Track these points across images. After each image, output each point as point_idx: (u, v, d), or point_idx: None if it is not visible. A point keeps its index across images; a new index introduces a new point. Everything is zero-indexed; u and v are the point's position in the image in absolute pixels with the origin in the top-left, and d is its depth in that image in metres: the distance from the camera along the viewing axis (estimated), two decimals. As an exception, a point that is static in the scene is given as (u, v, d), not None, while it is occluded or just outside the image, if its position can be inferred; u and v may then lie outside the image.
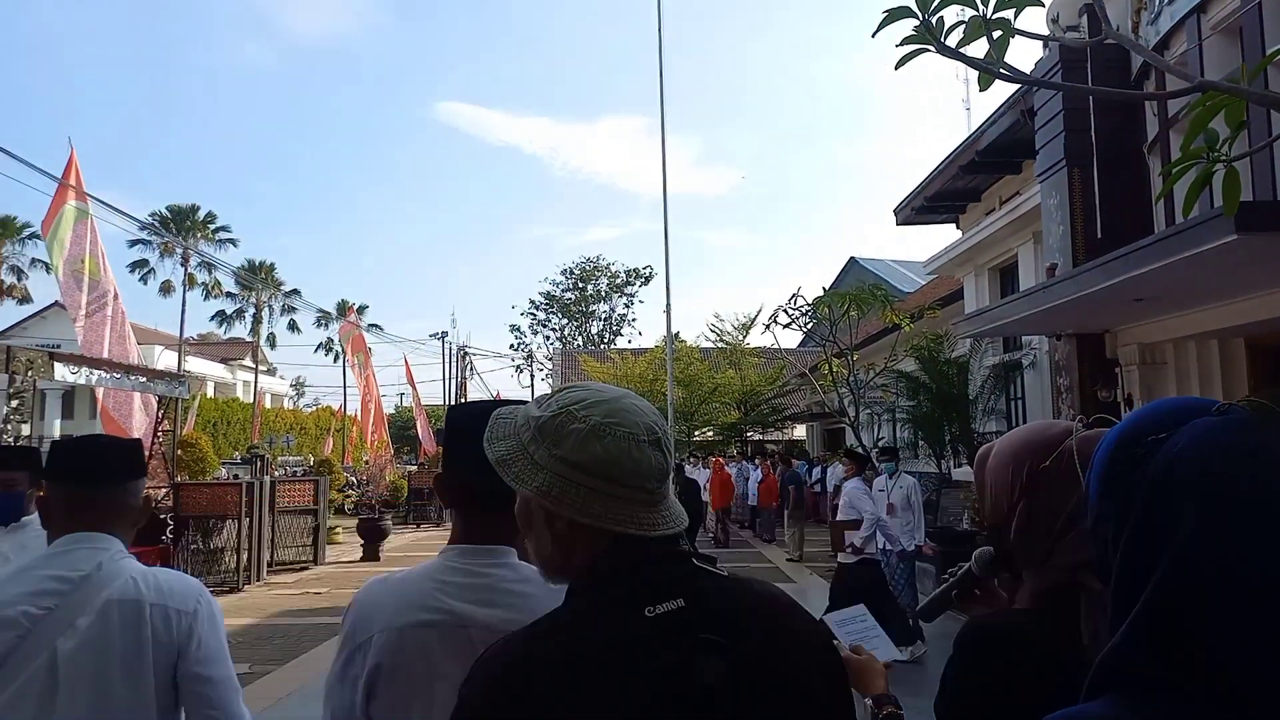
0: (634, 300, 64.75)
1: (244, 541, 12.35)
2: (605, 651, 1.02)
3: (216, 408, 42.60)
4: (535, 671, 1.02)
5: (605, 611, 1.06)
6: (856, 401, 15.09)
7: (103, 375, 10.15)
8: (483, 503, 1.60)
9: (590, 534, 1.11)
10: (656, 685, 0.99)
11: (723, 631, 1.03)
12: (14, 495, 3.44)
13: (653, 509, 1.13)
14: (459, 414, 1.70)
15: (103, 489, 1.99)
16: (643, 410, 1.17)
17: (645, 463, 1.12)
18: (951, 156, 14.08)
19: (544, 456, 1.13)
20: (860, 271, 29.32)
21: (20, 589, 1.84)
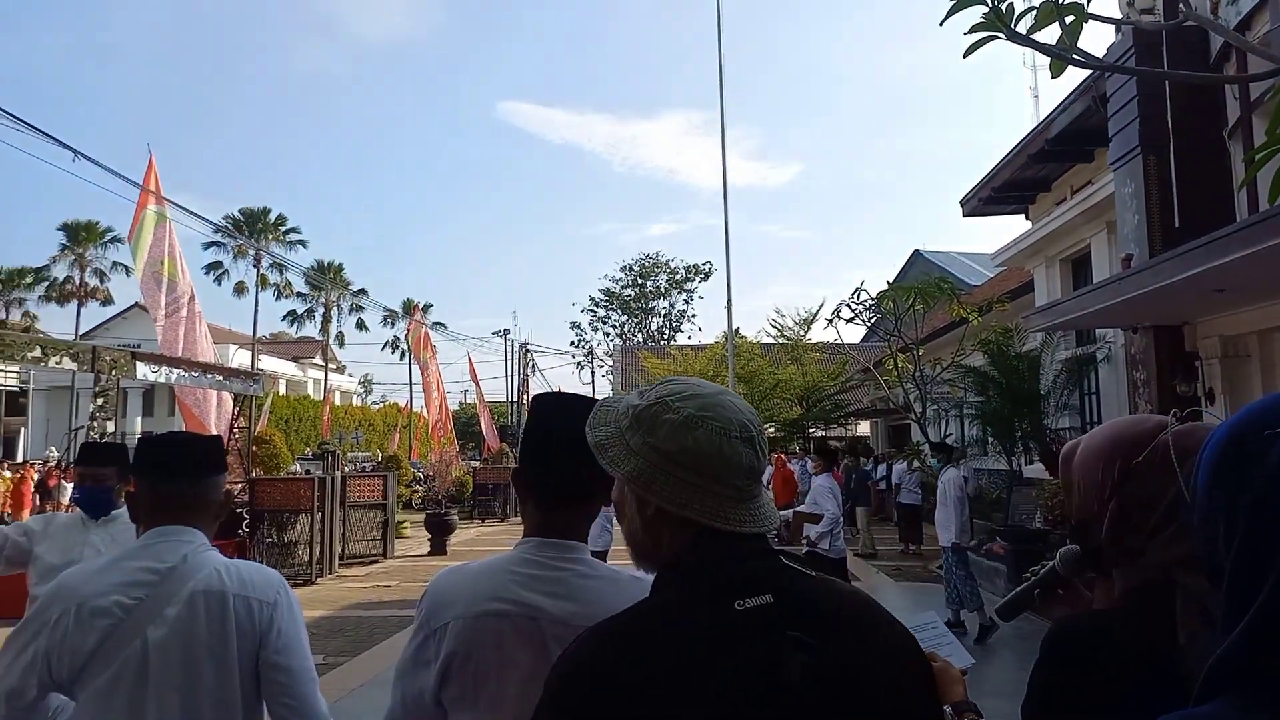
0: (694, 296, 64.67)
1: (316, 535, 12.64)
2: (693, 641, 1.03)
3: (288, 405, 43.68)
4: (624, 656, 1.05)
5: (694, 602, 1.07)
6: (923, 397, 14.86)
7: (181, 374, 10.49)
8: (559, 497, 1.63)
9: (677, 522, 1.14)
10: (741, 678, 1.00)
11: (810, 630, 1.04)
12: (104, 490, 3.57)
13: (741, 505, 1.14)
14: (540, 408, 1.72)
15: (186, 484, 2.06)
16: (738, 408, 1.19)
17: (736, 459, 1.14)
18: (1020, 145, 13.76)
19: (638, 443, 1.17)
20: (925, 265, 28.85)
21: (113, 579, 1.92)
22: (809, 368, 30.78)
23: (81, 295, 44.51)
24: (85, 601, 1.88)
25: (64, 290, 44.57)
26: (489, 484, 24.48)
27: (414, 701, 1.58)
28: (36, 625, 1.89)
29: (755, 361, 31.51)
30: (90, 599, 1.88)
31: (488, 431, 30.51)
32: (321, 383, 51.19)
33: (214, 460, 2.16)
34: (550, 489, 1.64)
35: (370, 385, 73.18)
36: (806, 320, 32.07)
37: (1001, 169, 14.67)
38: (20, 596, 3.61)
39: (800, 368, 30.79)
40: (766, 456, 1.21)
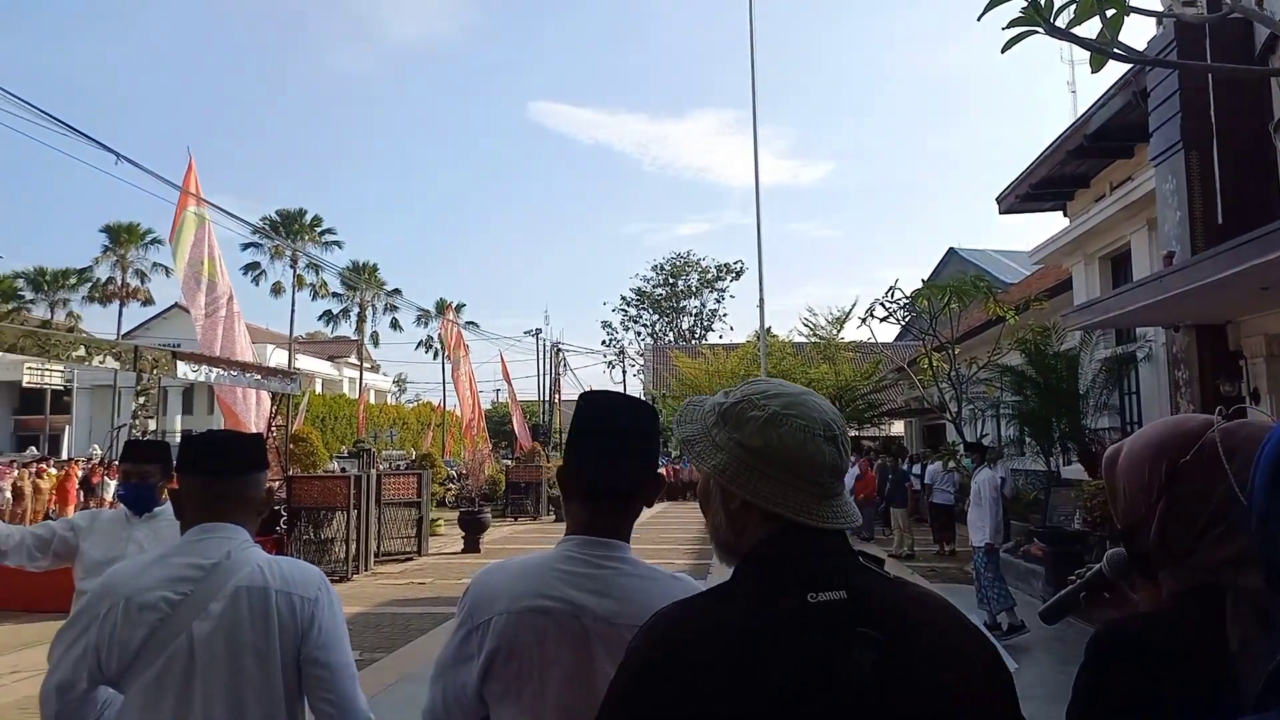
0: (725, 295, 64.48)
1: (352, 532, 12.78)
2: (766, 627, 1.06)
3: (324, 404, 44.21)
4: (699, 635, 1.09)
5: (770, 590, 1.10)
6: (958, 396, 14.71)
7: (221, 373, 10.65)
8: (603, 496, 1.64)
9: (760, 516, 1.18)
10: (810, 668, 1.03)
11: (881, 629, 1.05)
12: (147, 486, 3.63)
13: (823, 502, 1.17)
14: (585, 406, 1.73)
15: (229, 481, 2.10)
16: (822, 408, 1.22)
17: (819, 456, 1.18)
18: (1058, 141, 13.56)
19: (724, 439, 1.21)
20: (960, 263, 28.55)
21: (159, 575, 1.95)
22: (842, 367, 30.59)
23: (123, 296, 45.31)
24: (133, 596, 1.91)
25: (106, 291, 45.40)
26: (521, 482, 24.62)
27: (455, 698, 1.60)
28: (86, 619, 1.92)
29: (787, 361, 31.38)
30: (138, 594, 1.91)
31: (520, 430, 30.66)
32: (357, 382, 51.71)
33: (256, 457, 2.19)
34: (595, 487, 1.65)
35: (404, 384, 73.92)
36: (839, 319, 31.87)
37: (1039, 165, 14.47)
38: (67, 591, 3.69)
39: (833, 367, 30.60)
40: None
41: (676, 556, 15.04)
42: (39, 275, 45.07)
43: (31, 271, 45.09)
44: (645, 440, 1.71)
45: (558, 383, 41.70)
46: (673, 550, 15.79)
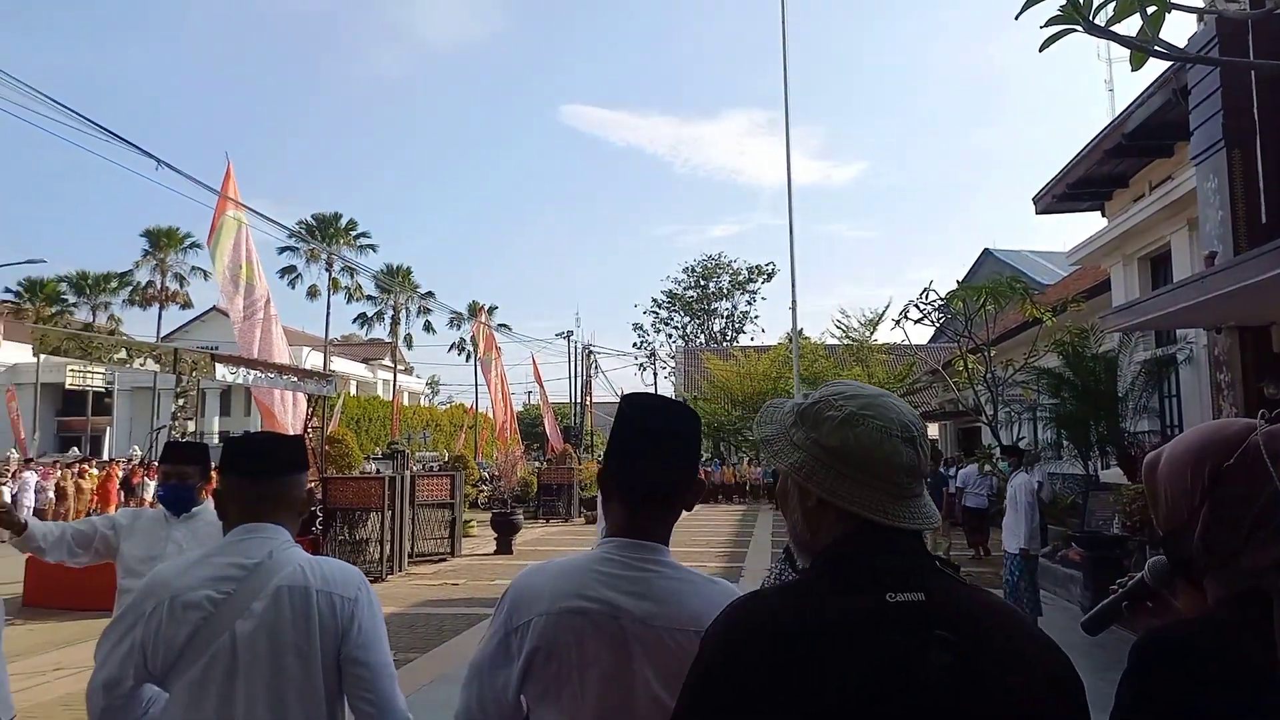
0: (756, 297, 64.32)
1: (387, 533, 12.89)
2: (844, 623, 1.08)
3: (359, 405, 44.65)
4: (776, 627, 1.11)
5: (847, 588, 1.12)
6: (994, 399, 14.54)
7: (258, 375, 10.80)
8: (643, 498, 1.64)
9: (835, 514, 1.21)
10: (886, 667, 1.04)
11: (955, 632, 1.07)
12: (186, 487, 3.69)
13: (900, 501, 1.20)
14: (627, 407, 1.74)
15: (270, 481, 2.12)
16: (900, 409, 1.25)
17: (896, 456, 1.20)
18: (1096, 140, 13.37)
19: (801, 438, 1.25)
20: (995, 263, 28.23)
21: (203, 574, 1.99)
22: (875, 369, 30.41)
23: (162, 299, 46.04)
24: (177, 595, 1.94)
25: (146, 294, 46.16)
26: (553, 484, 24.69)
27: (493, 699, 1.61)
28: (132, 618, 1.96)
29: (820, 363, 31.28)
30: (182, 593, 1.95)
31: (551, 432, 30.76)
32: (391, 383, 52.19)
33: (297, 459, 2.22)
34: (635, 489, 1.65)
35: (437, 386, 74.51)
36: (872, 321, 31.72)
37: (1076, 164, 14.27)
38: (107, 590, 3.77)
39: (866, 369, 30.44)
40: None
41: (709, 559, 15.01)
42: (81, 279, 45.92)
43: (74, 275, 45.96)
44: (684, 443, 1.70)
45: (589, 385, 41.80)
46: (704, 553, 15.77)
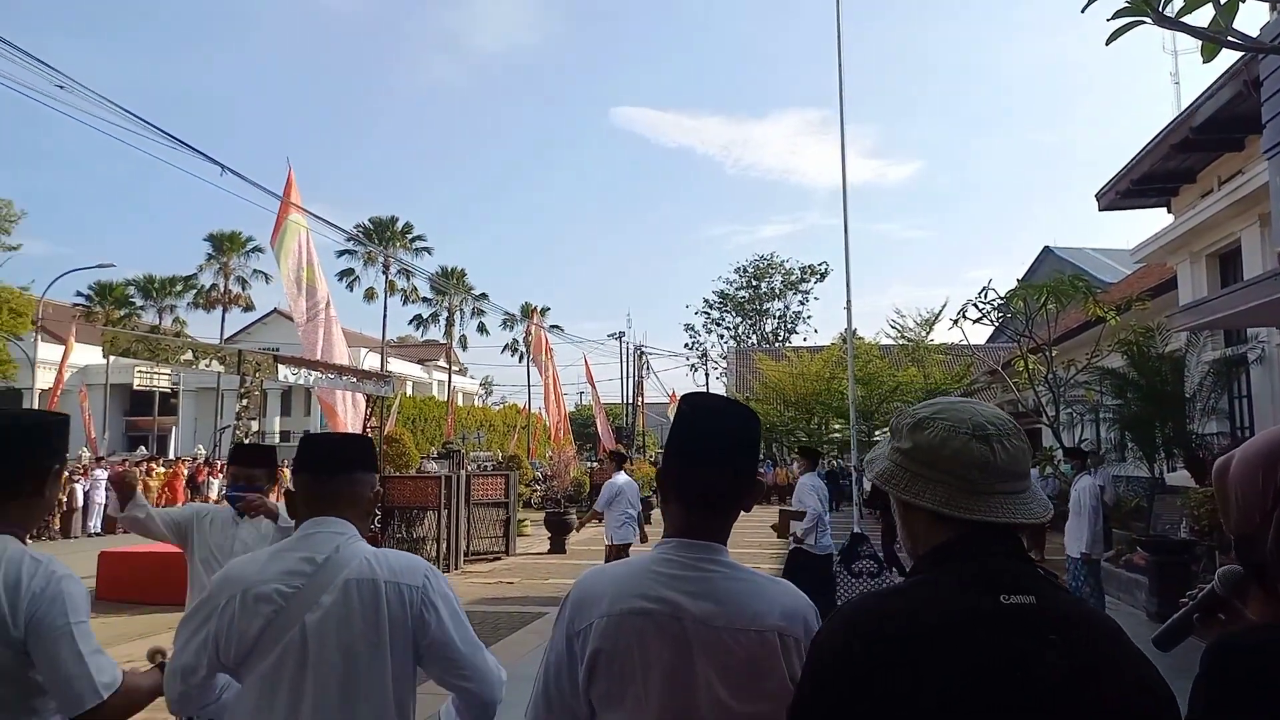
0: (809, 297, 63.84)
1: (443, 531, 13.06)
2: (958, 622, 1.12)
3: (415, 406, 45.23)
4: (888, 626, 1.15)
5: (959, 589, 1.17)
6: (1056, 400, 14.24)
7: (319, 376, 11.02)
8: (702, 498, 1.64)
9: (925, 518, 1.28)
10: (1003, 667, 1.09)
11: (1065, 637, 1.12)
12: (254, 488, 3.80)
13: (974, 497, 1.24)
14: (685, 408, 1.74)
15: (336, 478, 2.18)
16: (974, 410, 1.31)
17: (964, 453, 1.25)
18: (1162, 134, 13.01)
19: (888, 450, 1.36)
20: (1056, 261, 27.67)
21: (275, 569, 2.05)
22: (931, 369, 29.98)
23: (225, 302, 47.13)
24: (250, 588, 2.00)
25: (210, 297, 47.28)
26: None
27: (560, 705, 1.63)
28: (207, 610, 2.02)
29: (874, 363, 30.90)
30: (254, 586, 2.00)
31: (604, 432, 30.88)
32: (445, 384, 52.82)
33: (364, 458, 2.28)
34: (692, 490, 1.66)
35: (490, 387, 75.17)
36: (928, 321, 31.25)
37: (1141, 160, 13.91)
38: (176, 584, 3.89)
39: (922, 369, 30.02)
40: (1016, 455, 1.28)
41: (762, 561, 14.93)
42: (148, 283, 47.20)
43: (141, 279, 47.26)
44: (743, 444, 1.70)
45: (641, 385, 41.86)
46: (758, 554, 15.68)
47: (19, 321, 29.70)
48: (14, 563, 1.92)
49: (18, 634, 1.87)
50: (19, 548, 1.97)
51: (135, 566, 11.09)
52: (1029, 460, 1.31)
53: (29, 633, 1.88)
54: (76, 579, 2.01)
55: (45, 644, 1.88)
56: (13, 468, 2.05)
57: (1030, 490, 1.29)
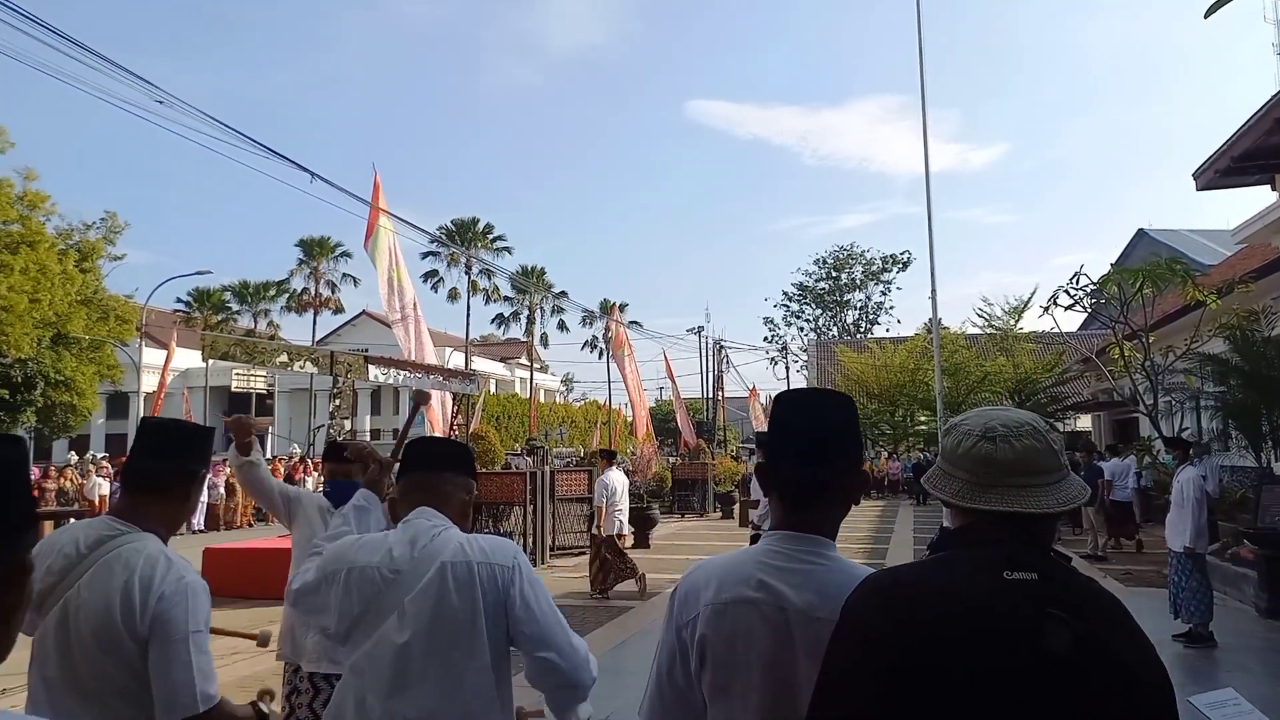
0: (891, 287, 62.74)
1: (529, 526, 13.28)
2: (968, 595, 1.27)
3: (498, 403, 45.99)
4: (909, 592, 1.33)
5: (971, 566, 1.33)
6: (1154, 388, 13.75)
7: (407, 375, 11.33)
8: (798, 493, 1.68)
9: (956, 508, 1.44)
10: (1007, 639, 1.22)
11: (1069, 612, 1.22)
12: (349, 484, 3.94)
13: (979, 490, 1.40)
14: (780, 406, 1.78)
15: (434, 475, 2.35)
16: (994, 415, 1.48)
17: (974, 451, 1.43)
18: (1265, 108, 12.39)
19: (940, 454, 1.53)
20: (1151, 244, 26.66)
21: (377, 552, 2.20)
22: (1021, 359, 29.16)
23: (316, 305, 48.66)
24: (353, 568, 2.16)
25: (301, 301, 48.88)
26: (688, 479, 24.79)
27: (674, 698, 1.68)
28: (327, 574, 2.20)
29: (960, 353, 30.22)
30: (358, 566, 2.16)
31: (684, 428, 30.86)
32: (528, 381, 53.55)
33: (461, 462, 2.43)
34: (789, 485, 1.69)
35: (571, 383, 75.86)
36: (1017, 309, 30.43)
37: (1242, 136, 13.27)
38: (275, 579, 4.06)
39: (1011, 359, 29.23)
40: (1049, 455, 1.42)
41: (847, 555, 14.78)
42: (243, 288, 49.04)
43: (236, 285, 49.13)
44: (835, 436, 1.70)
45: (720, 380, 41.72)
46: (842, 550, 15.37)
47: (125, 328, 31.15)
48: (150, 561, 2.05)
49: (144, 630, 1.99)
50: (159, 547, 2.10)
51: (238, 562, 11.56)
52: (1051, 457, 1.41)
53: (151, 630, 1.99)
54: (205, 588, 2.12)
55: (161, 644, 1.99)
56: (166, 469, 2.20)
57: (1051, 485, 1.39)
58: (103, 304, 30.03)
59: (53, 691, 2.02)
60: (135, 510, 2.17)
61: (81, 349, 29.16)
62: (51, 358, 27.49)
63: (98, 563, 2.04)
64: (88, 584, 2.02)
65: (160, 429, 2.27)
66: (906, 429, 35.54)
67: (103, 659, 1.99)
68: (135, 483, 2.22)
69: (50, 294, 25.48)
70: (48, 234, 26.74)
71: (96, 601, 1.99)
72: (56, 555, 2.08)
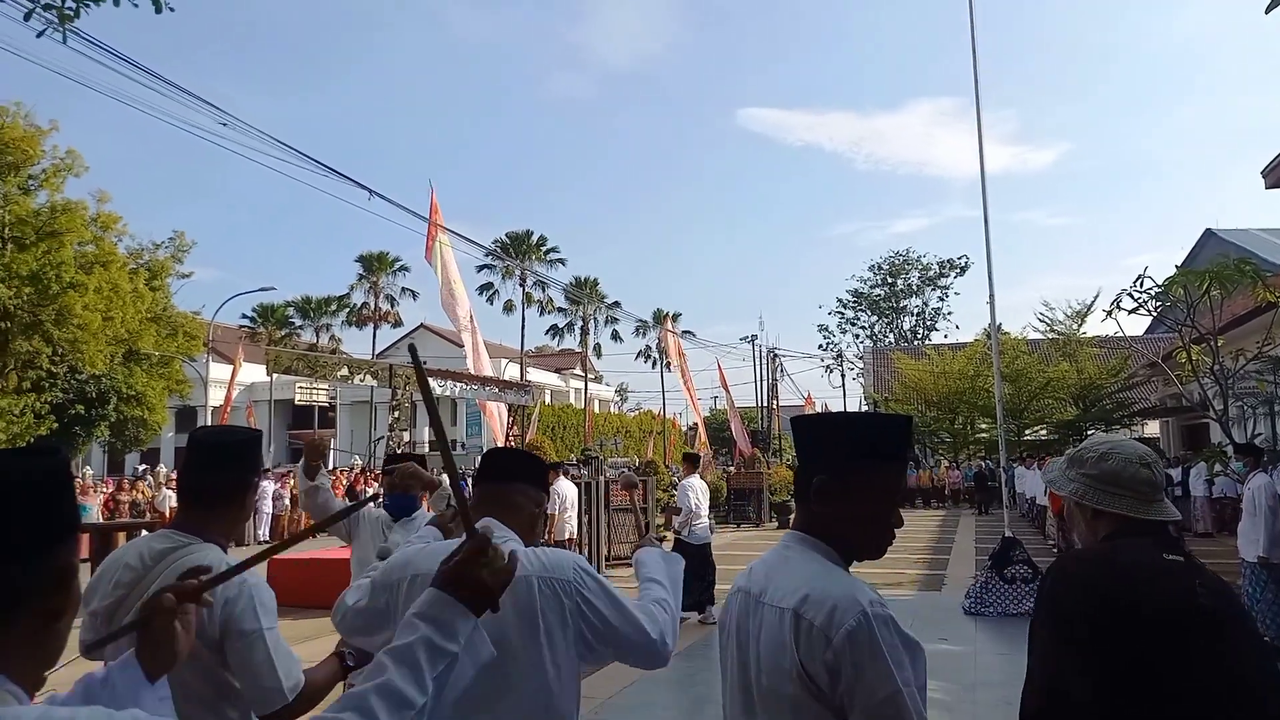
0: (948, 293, 61.77)
1: (584, 536, 13.33)
2: (1144, 568, 1.78)
3: (553, 414, 46.27)
4: (1100, 570, 1.85)
5: (1140, 550, 1.84)
6: (1224, 393, 13.32)
7: (463, 387, 11.49)
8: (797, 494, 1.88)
9: (1106, 519, 1.95)
10: (1176, 593, 1.72)
11: (1204, 580, 1.76)
12: (409, 497, 4.02)
13: (1146, 504, 1.92)
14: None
15: (500, 485, 2.38)
16: (1136, 446, 2.02)
17: (1139, 476, 1.94)
18: (1338, 103, 11.98)
19: (1073, 474, 2.04)
20: (1219, 244, 25.85)
21: (436, 561, 2.20)
22: (1085, 364, 28.50)
23: (376, 319, 49.53)
24: (419, 575, 2.18)
25: (361, 315, 49.79)
26: (743, 489, 24.68)
27: None
28: (383, 585, 2.25)
29: (1021, 359, 29.63)
30: (421, 573, 2.18)
31: (739, 437, 30.73)
32: (582, 392, 53.80)
33: (529, 473, 2.45)
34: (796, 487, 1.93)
35: (625, 393, 75.99)
36: (1080, 313, 29.79)
37: (1314, 131, 12.85)
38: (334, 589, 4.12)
39: (1074, 364, 28.59)
40: (1162, 477, 1.99)
41: (907, 566, 14.59)
42: (305, 303, 50.10)
43: (299, 300, 50.24)
44: (817, 449, 1.83)
45: (775, 388, 41.46)
46: (902, 559, 15.28)
47: (192, 344, 32.09)
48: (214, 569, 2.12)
49: (214, 634, 2.05)
50: (220, 556, 2.16)
51: (303, 572, 11.81)
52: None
53: (224, 634, 2.06)
54: (266, 586, 2.19)
55: (239, 646, 2.06)
56: (224, 480, 2.25)
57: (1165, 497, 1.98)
58: (171, 321, 30.97)
59: None
60: (194, 523, 2.22)
61: (151, 365, 30.12)
62: (123, 373, 28.43)
63: (164, 574, 2.09)
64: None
65: (211, 443, 2.30)
66: (967, 437, 34.91)
67: (179, 669, 2.06)
68: (192, 497, 2.27)
69: (122, 312, 26.32)
70: (119, 254, 27.63)
71: None
72: (122, 570, 2.15)
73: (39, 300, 24.09)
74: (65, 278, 24.01)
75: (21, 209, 24.17)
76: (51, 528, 1.09)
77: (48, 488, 1.09)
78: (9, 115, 24.05)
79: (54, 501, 1.10)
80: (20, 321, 24.30)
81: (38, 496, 1.08)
